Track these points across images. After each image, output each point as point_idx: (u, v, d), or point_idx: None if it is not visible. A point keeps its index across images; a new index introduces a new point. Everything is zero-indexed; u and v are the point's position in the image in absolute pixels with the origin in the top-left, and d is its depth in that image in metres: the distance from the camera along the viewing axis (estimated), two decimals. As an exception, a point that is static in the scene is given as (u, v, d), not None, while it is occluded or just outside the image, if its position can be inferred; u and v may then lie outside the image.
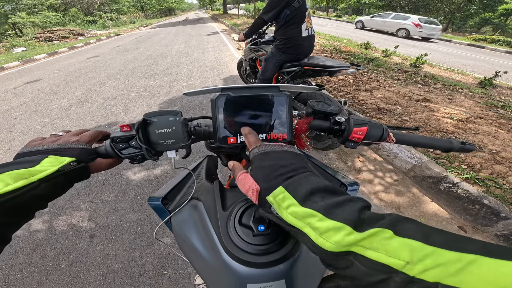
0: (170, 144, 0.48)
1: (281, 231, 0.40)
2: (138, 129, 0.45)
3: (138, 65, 6.25)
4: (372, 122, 0.52)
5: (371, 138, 0.51)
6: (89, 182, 2.10)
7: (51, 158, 0.37)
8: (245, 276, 0.38)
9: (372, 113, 2.97)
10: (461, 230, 1.61)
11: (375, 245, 0.22)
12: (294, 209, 0.28)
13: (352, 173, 2.15)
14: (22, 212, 0.32)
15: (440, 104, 3.33)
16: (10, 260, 1.48)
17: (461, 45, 12.87)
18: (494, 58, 9.52)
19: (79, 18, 19.90)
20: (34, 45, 11.12)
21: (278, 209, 0.29)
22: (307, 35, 2.14)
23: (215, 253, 0.42)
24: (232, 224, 0.42)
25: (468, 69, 6.61)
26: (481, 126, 2.75)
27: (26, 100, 4.22)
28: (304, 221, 0.27)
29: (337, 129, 0.55)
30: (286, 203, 0.29)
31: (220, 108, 0.48)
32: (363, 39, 9.20)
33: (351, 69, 1.90)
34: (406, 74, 4.64)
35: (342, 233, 0.24)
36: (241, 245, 0.39)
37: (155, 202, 0.52)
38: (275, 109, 0.49)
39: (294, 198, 0.28)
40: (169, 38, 11.16)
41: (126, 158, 0.48)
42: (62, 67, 6.79)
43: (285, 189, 0.30)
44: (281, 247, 0.39)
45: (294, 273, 0.39)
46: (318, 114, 0.58)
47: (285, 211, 0.28)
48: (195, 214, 0.49)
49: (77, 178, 0.41)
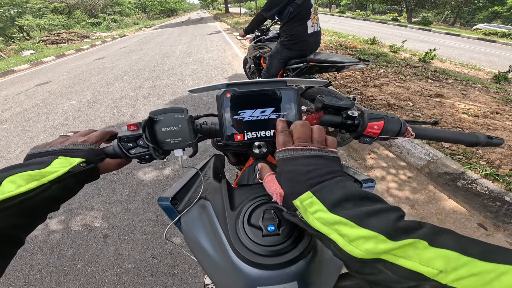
0: (177, 143, 0.47)
1: (292, 231, 0.39)
2: (144, 128, 0.44)
3: (143, 66, 6.30)
4: (388, 116, 0.49)
5: (389, 133, 0.48)
6: (100, 182, 2.12)
7: (61, 159, 0.37)
8: (255, 278, 0.36)
9: (382, 109, 2.92)
10: (481, 227, 1.56)
11: (409, 254, 0.22)
12: (322, 215, 0.27)
13: (363, 171, 2.11)
14: (34, 213, 0.32)
15: (454, 99, 3.24)
16: (29, 261, 1.51)
17: (471, 39, 12.54)
18: (506, 52, 9.25)
19: (84, 21, 20.18)
20: (42, 48, 11.32)
21: (304, 214, 0.29)
22: (313, 31, 2.10)
23: (223, 254, 0.40)
24: (241, 224, 0.40)
25: (480, 63, 6.44)
26: (498, 121, 2.66)
27: (38, 102, 4.31)
28: (332, 227, 0.26)
29: (350, 124, 0.52)
30: (314, 208, 0.28)
31: (226, 105, 0.47)
32: (368, 34, 9.06)
33: (360, 64, 1.84)
34: (416, 70, 4.53)
35: (374, 241, 0.23)
36: (251, 246, 0.37)
37: (165, 202, 0.51)
38: (283, 104, 0.47)
39: (322, 204, 0.28)
40: (172, 39, 11.22)
41: (134, 157, 0.47)
42: (70, 69, 6.90)
43: (313, 194, 0.29)
44: (292, 248, 0.37)
45: (307, 275, 0.37)
46: (328, 109, 0.55)
47: (312, 216, 0.28)
48: (204, 214, 0.47)
49: (87, 179, 0.40)
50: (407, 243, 0.22)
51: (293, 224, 0.38)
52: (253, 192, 0.47)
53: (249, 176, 0.56)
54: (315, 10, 2.10)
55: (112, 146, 0.46)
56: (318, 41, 2.22)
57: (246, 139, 0.48)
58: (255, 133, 0.49)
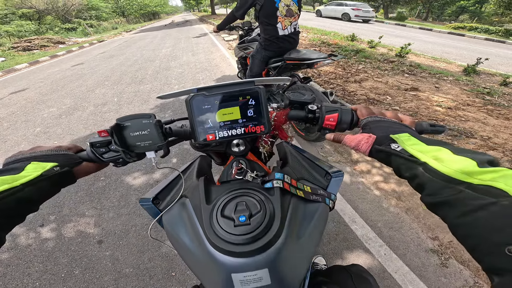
0: (147, 146, 0.50)
1: (262, 220, 0.41)
2: (112, 133, 0.46)
3: (125, 70, 6.12)
4: (342, 108, 0.52)
5: (343, 124, 0.52)
6: (90, 189, 2.08)
7: (34, 164, 0.40)
8: (230, 266, 0.39)
9: (363, 104, 3.06)
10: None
11: (495, 177, 0.26)
12: (419, 147, 0.35)
13: (349, 165, 2.20)
14: (11, 214, 0.35)
15: (428, 93, 3.45)
16: (26, 269, 1.48)
17: (442, 33, 13.29)
18: (474, 45, 9.86)
19: (57, 26, 19.14)
20: (13, 55, 10.65)
21: (402, 144, 0.37)
22: (283, 34, 2.09)
23: (200, 246, 0.43)
24: (215, 216, 0.43)
25: (451, 57, 6.83)
26: (470, 113, 2.85)
27: (15, 110, 4.09)
28: (427, 154, 0.33)
29: (312, 118, 0.56)
30: (411, 142, 0.37)
31: (196, 108, 0.50)
32: (348, 31, 9.35)
33: (328, 60, 1.90)
34: (393, 64, 4.77)
35: (464, 164, 0.29)
36: (224, 236, 0.40)
37: (146, 202, 0.53)
38: (251, 103, 0.51)
39: (419, 140, 0.37)
40: (155, 42, 10.95)
41: (108, 161, 0.51)
42: (46, 76, 6.57)
43: (409, 134, 0.39)
44: (262, 235, 0.40)
45: (277, 262, 0.39)
46: (294, 104, 0.60)
47: (409, 147, 0.36)
48: (183, 211, 0.50)
49: (63, 183, 0.44)
50: (495, 170, 0.26)
51: (263, 214, 0.42)
52: (229, 187, 0.49)
53: (227, 173, 0.58)
54: (290, 13, 2.06)
55: (86, 152, 0.50)
56: (294, 42, 2.21)
57: (218, 138, 0.52)
58: (226, 132, 0.52)
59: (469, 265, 1.36)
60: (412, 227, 1.60)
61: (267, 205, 0.44)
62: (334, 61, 1.94)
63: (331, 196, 0.51)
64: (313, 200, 0.49)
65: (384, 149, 0.39)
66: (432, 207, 0.31)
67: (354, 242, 1.52)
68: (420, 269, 1.36)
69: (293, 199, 0.48)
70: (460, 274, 1.33)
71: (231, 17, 2.28)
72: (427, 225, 1.61)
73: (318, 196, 0.49)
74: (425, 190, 0.32)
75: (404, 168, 0.36)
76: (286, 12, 2.05)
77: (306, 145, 2.50)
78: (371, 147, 0.41)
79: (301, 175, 0.56)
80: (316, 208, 0.48)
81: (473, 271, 1.34)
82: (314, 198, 0.49)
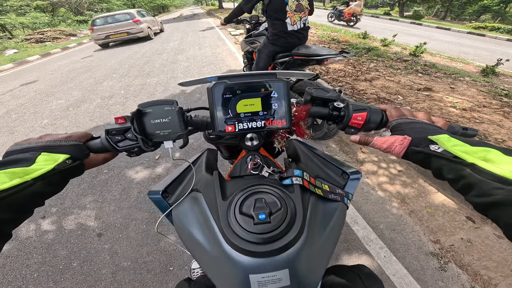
0: (166, 134, 0.47)
1: (283, 219, 0.39)
2: (133, 120, 0.44)
3: (133, 63, 6.17)
4: (371, 108, 0.50)
5: (371, 124, 0.50)
6: (92, 181, 2.10)
7: (45, 155, 0.37)
8: (247, 266, 0.37)
9: (372, 103, 2.96)
10: (469, 220, 1.60)
11: None
12: (463, 148, 0.34)
13: (355, 165, 2.15)
14: (20, 208, 0.32)
15: (442, 93, 3.31)
16: (25, 260, 1.50)
17: (461, 33, 12.75)
18: (495, 46, 9.41)
19: (69, 19, 19.47)
20: (26, 46, 10.92)
21: (443, 145, 0.36)
22: (292, 29, 2.06)
23: (216, 244, 0.40)
24: (232, 213, 0.40)
25: (469, 57, 6.56)
26: (485, 115, 2.73)
27: (24, 102, 4.19)
28: (474, 155, 0.32)
29: (336, 115, 0.54)
30: (452, 143, 0.35)
31: (217, 97, 0.47)
32: (360, 28, 9.10)
33: (339, 56, 1.81)
34: (406, 63, 4.60)
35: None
36: (242, 234, 0.38)
37: (155, 195, 0.50)
38: (273, 96, 0.49)
39: (461, 141, 0.35)
40: (163, 36, 10.99)
41: (123, 150, 0.47)
42: (57, 67, 6.70)
43: (449, 135, 0.37)
44: (283, 235, 0.38)
45: (297, 263, 0.38)
46: (316, 101, 0.57)
47: (452, 148, 0.34)
48: (196, 206, 0.47)
49: (72, 175, 0.41)
50: None
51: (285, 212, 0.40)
52: (245, 182, 0.47)
53: (241, 167, 0.56)
54: (299, 8, 2.03)
55: (100, 140, 0.47)
56: (303, 37, 2.18)
57: (238, 130, 0.49)
58: (246, 124, 0.50)
59: (468, 269, 1.33)
60: (414, 230, 1.56)
61: (288, 202, 0.41)
62: (345, 58, 1.85)
63: (349, 195, 0.50)
64: (332, 199, 0.47)
65: (422, 150, 0.38)
66: (482, 207, 0.30)
67: (355, 243, 1.49)
68: (419, 272, 1.34)
69: (312, 198, 0.46)
70: (458, 278, 1.30)
71: (239, 11, 2.26)
72: (430, 228, 1.57)
73: (336, 195, 0.48)
74: (473, 191, 0.31)
75: (447, 170, 0.34)
76: (296, 7, 2.01)
77: (311, 144, 2.44)
78: (407, 148, 0.40)
79: (316, 173, 0.54)
80: (335, 208, 0.47)
81: (471, 276, 1.30)
82: (333, 197, 0.47)
